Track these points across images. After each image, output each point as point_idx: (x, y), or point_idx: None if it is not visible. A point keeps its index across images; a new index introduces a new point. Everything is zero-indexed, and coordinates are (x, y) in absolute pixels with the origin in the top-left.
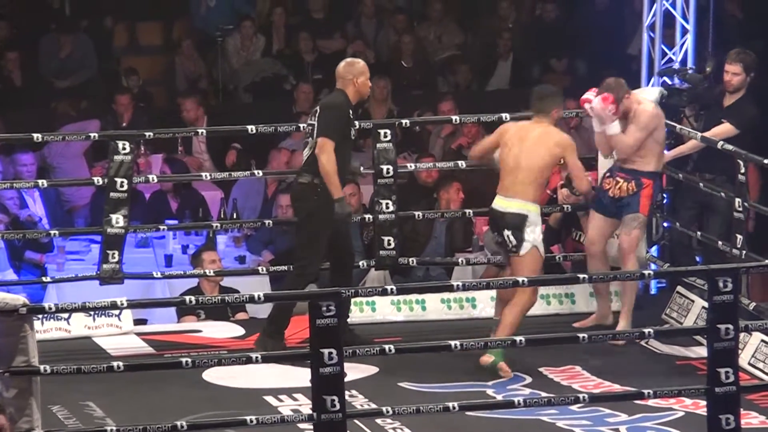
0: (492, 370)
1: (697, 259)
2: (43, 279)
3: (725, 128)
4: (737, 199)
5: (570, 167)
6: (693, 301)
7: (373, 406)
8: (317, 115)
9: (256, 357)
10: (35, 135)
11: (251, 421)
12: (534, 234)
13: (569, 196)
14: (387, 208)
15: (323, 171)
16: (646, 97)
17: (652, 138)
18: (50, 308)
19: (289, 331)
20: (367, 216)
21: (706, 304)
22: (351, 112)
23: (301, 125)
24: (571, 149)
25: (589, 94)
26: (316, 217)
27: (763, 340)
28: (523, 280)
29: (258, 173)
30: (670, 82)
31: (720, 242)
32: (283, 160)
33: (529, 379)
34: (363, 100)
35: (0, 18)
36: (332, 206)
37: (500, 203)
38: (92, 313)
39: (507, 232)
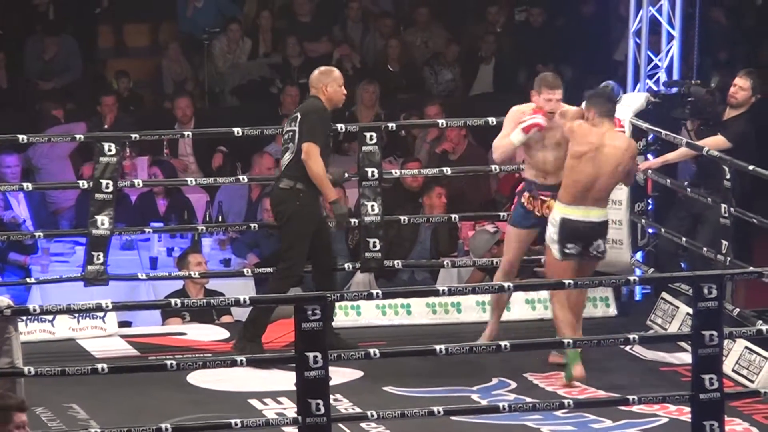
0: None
1: (683, 265)
2: (27, 280)
3: (717, 140)
4: (723, 205)
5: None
6: (678, 307)
7: (358, 410)
8: (298, 120)
9: (241, 360)
10: (20, 136)
11: (236, 424)
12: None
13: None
14: (372, 210)
15: (314, 176)
16: (631, 103)
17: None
18: (34, 310)
19: (274, 335)
20: (352, 219)
21: (690, 311)
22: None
23: None
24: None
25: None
26: (298, 220)
27: (747, 347)
28: (509, 286)
29: (243, 179)
30: (655, 89)
31: (705, 249)
32: (265, 164)
33: (514, 384)
34: (340, 107)
35: None
36: (314, 209)
37: (594, 214)
38: (76, 315)
39: (600, 242)
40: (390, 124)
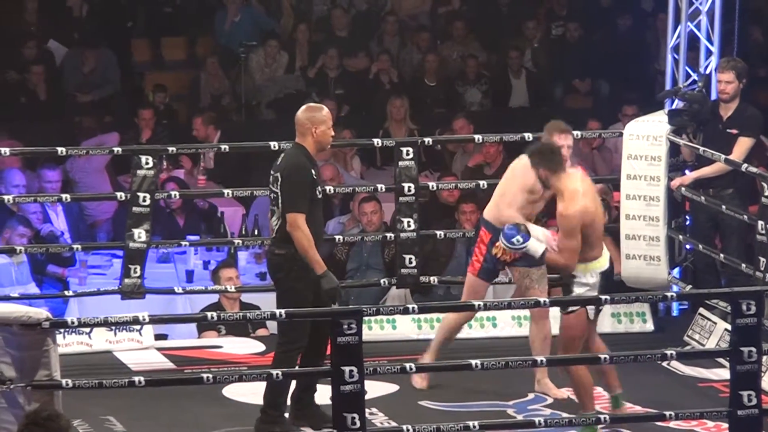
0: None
1: (721, 281)
2: (65, 293)
3: (743, 144)
4: (760, 222)
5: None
6: (715, 323)
7: (394, 424)
8: (279, 183)
9: (277, 374)
10: (59, 149)
11: None
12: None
13: None
14: (408, 226)
15: (300, 248)
16: (662, 120)
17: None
18: (72, 322)
19: None
20: (388, 234)
21: (728, 327)
22: (314, 170)
23: None
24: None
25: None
26: (296, 291)
27: None
28: (544, 301)
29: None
30: (669, 106)
31: (744, 265)
32: None
33: (550, 400)
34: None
35: (30, 37)
36: (313, 273)
37: (607, 259)
38: (114, 327)
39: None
40: (426, 139)
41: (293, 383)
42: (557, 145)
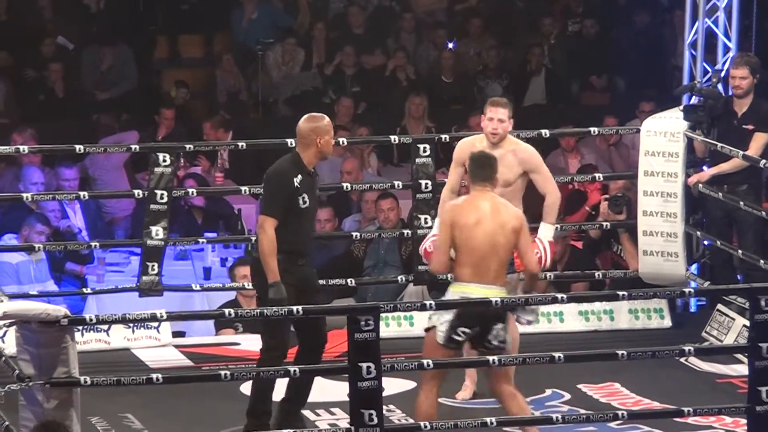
0: None
1: (738, 277)
2: (84, 290)
3: (761, 139)
4: None
5: (520, 245)
6: (733, 319)
7: (411, 421)
8: (263, 187)
9: (294, 371)
10: (77, 146)
11: None
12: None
13: (609, 214)
14: (425, 223)
15: (260, 251)
16: (679, 116)
17: None
18: (91, 319)
19: (327, 345)
20: (405, 231)
21: (746, 322)
22: (300, 178)
23: (341, 139)
24: (525, 223)
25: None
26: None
27: None
28: (562, 297)
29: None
30: (685, 102)
31: (762, 261)
32: None
33: (567, 396)
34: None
35: (46, 35)
36: (296, 277)
37: (482, 292)
38: (131, 324)
39: (498, 327)
40: (443, 136)
41: (282, 387)
42: (491, 157)
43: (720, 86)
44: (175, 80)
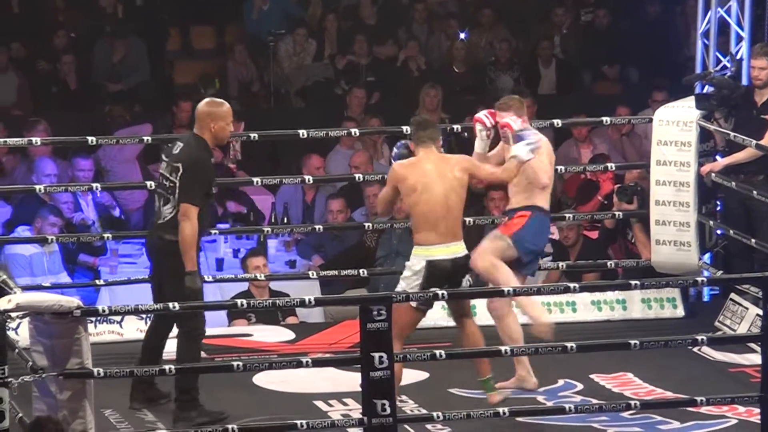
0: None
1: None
2: (97, 282)
3: None
4: None
5: (479, 175)
6: (747, 308)
7: (423, 411)
8: (179, 174)
9: (307, 361)
10: (90, 138)
11: (301, 426)
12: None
13: (620, 204)
14: None
15: (183, 239)
16: (692, 106)
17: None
18: (103, 311)
19: (340, 335)
20: None
21: (760, 312)
22: (211, 162)
23: (353, 130)
24: (469, 161)
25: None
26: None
27: None
28: (574, 286)
29: (309, 179)
30: (698, 91)
31: None
32: (314, 164)
33: (580, 386)
34: (223, 144)
35: (59, 27)
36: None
37: (449, 251)
38: (144, 316)
39: (466, 278)
40: (456, 126)
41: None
42: (431, 120)
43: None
44: (202, 76)
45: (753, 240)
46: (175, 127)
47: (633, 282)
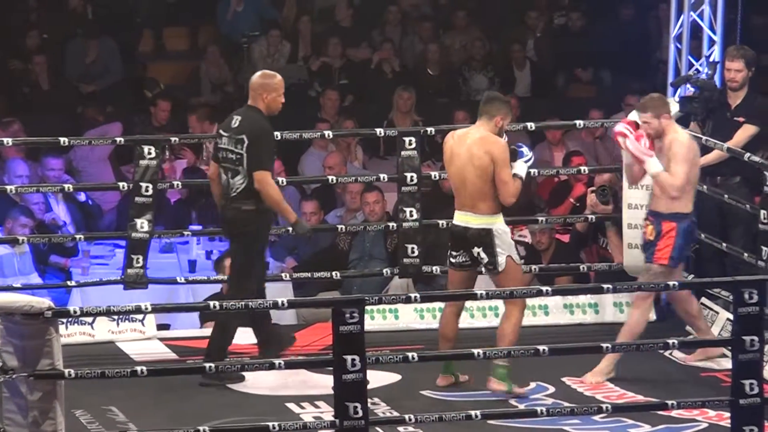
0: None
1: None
2: (68, 283)
3: (746, 131)
4: (762, 211)
5: (496, 176)
6: (717, 312)
7: (396, 413)
8: (245, 145)
9: (279, 363)
10: (62, 139)
11: (273, 427)
12: (505, 245)
13: (596, 205)
14: (411, 216)
15: (273, 203)
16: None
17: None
18: (75, 312)
19: (312, 338)
20: (391, 224)
21: (730, 316)
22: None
23: (326, 132)
24: (500, 151)
25: (622, 127)
26: (259, 241)
27: None
28: (546, 290)
29: (282, 181)
30: (681, 93)
31: (746, 254)
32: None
33: (552, 389)
34: (276, 114)
35: (30, 27)
36: (268, 230)
37: (463, 219)
38: (116, 317)
39: (477, 250)
40: (429, 129)
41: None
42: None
43: (715, 78)
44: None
45: (724, 244)
46: (152, 127)
47: (605, 286)
